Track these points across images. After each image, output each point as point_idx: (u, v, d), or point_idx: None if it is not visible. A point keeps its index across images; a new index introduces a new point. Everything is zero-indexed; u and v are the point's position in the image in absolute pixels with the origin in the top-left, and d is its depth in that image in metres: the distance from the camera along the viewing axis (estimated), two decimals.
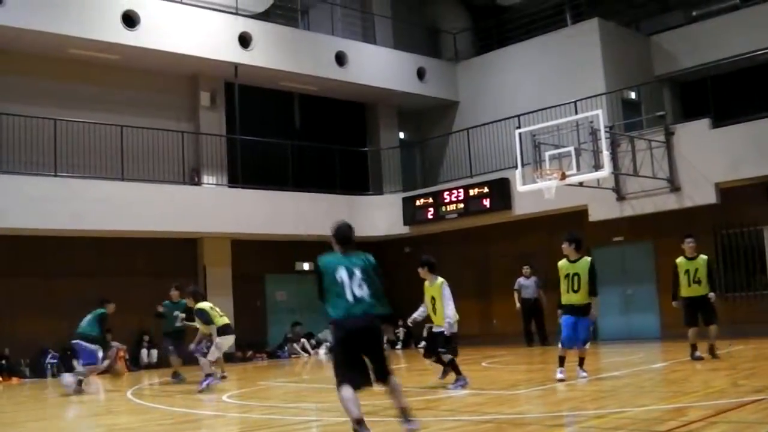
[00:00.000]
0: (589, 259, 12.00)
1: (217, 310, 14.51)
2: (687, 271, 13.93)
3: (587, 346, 11.95)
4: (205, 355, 14.01)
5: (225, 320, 14.40)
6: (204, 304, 14.37)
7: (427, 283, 11.91)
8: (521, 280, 21.27)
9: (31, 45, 19.56)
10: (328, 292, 7.20)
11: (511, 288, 21.37)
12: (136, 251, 20.97)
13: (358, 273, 7.22)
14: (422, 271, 11.82)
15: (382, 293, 7.29)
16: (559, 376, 11.61)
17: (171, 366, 16.62)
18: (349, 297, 7.11)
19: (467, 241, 23.21)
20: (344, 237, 7.47)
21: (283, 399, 12.29)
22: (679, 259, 14.12)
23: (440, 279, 11.76)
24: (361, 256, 7.40)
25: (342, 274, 7.17)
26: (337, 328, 7.16)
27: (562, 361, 11.75)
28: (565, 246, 11.99)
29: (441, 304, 11.65)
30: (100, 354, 15.21)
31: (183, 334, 16.42)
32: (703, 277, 13.84)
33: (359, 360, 7.10)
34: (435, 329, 11.93)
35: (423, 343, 23.85)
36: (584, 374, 11.86)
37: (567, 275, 11.88)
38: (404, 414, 7.07)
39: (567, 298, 11.86)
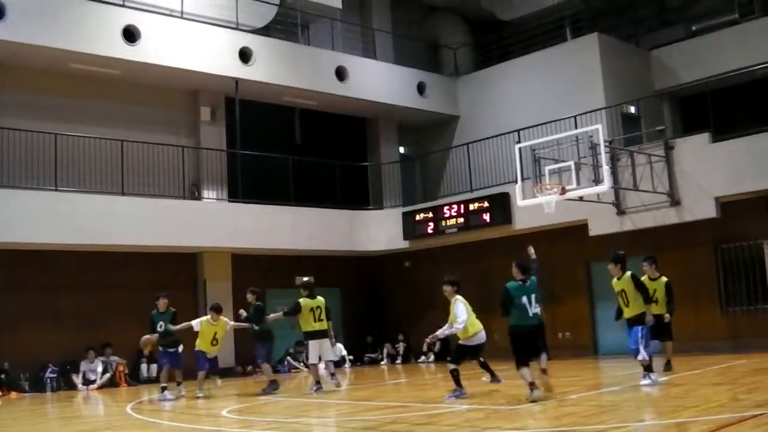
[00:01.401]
0: (629, 273, 12.64)
1: (316, 313, 15.10)
2: None
3: (640, 356, 12.23)
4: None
5: (316, 326, 15.12)
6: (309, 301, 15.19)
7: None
8: None
9: (31, 60, 19.62)
10: (513, 308, 11.21)
11: None
12: (137, 265, 20.93)
13: (532, 296, 11.32)
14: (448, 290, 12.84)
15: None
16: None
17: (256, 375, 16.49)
18: (530, 313, 11.25)
19: (467, 256, 23.18)
20: (525, 268, 11.52)
21: (284, 414, 12.25)
22: (643, 278, 14.48)
23: (458, 297, 12.76)
24: (533, 281, 11.52)
25: (524, 300, 11.23)
26: (519, 330, 11.23)
27: (646, 368, 12.37)
28: (611, 266, 12.72)
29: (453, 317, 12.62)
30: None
31: (271, 336, 16.29)
32: (660, 298, 14.50)
33: (530, 347, 11.36)
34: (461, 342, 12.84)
35: (423, 358, 23.94)
36: (645, 380, 12.22)
37: (618, 292, 12.68)
38: (540, 385, 11.20)
39: (624, 312, 12.76)
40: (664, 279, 14.70)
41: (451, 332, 12.70)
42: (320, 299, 15.31)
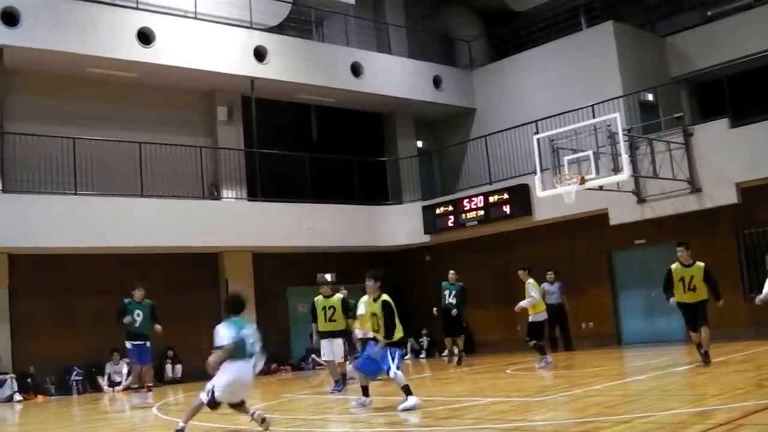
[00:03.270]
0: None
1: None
2: (682, 279, 13.58)
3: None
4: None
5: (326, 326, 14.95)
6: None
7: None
8: (545, 285, 20.98)
9: (47, 65, 19.72)
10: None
11: None
12: (158, 267, 20.95)
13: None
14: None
15: None
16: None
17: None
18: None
19: (488, 248, 23.15)
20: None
21: (309, 411, 12.28)
22: (674, 266, 13.71)
23: (531, 280, 16.47)
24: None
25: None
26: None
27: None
28: (369, 283, 11.22)
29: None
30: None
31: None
32: (698, 284, 13.49)
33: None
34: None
35: (446, 352, 23.86)
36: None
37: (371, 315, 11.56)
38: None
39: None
40: (701, 264, 13.62)
41: (528, 304, 16.12)
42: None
